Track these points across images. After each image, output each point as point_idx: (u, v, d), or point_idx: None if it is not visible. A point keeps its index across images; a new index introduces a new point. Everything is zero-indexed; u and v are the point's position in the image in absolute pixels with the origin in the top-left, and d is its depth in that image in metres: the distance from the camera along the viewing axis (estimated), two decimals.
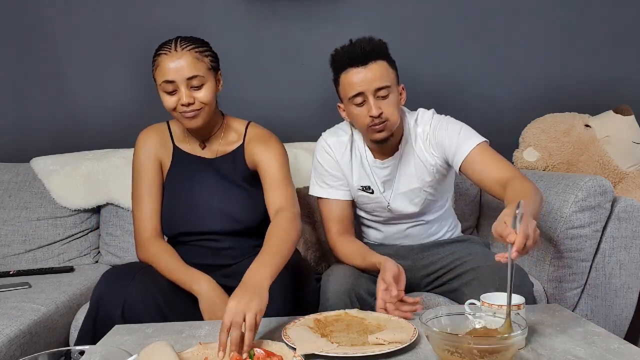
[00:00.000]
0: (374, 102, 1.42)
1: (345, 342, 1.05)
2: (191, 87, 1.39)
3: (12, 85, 2.27)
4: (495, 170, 1.41)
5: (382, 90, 1.42)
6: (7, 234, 1.99)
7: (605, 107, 2.10)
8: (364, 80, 1.42)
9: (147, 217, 1.48)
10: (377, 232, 1.69)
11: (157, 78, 1.41)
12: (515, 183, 1.33)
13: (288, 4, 2.25)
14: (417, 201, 1.59)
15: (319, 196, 1.62)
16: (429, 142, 1.54)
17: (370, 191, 1.59)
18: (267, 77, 2.28)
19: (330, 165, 1.59)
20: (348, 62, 1.43)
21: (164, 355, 0.96)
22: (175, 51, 1.39)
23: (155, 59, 1.41)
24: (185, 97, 1.38)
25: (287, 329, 1.12)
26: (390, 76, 1.45)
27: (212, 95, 1.43)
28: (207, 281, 1.37)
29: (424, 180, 1.56)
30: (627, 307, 1.68)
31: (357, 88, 1.42)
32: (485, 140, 1.48)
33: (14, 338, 1.34)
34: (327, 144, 1.60)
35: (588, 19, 2.33)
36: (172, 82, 1.38)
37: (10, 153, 2.25)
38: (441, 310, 1.04)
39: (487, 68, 2.33)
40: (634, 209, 1.64)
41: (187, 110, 1.40)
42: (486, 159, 1.44)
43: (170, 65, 1.37)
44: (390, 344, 1.03)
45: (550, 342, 1.06)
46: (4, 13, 2.23)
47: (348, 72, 1.44)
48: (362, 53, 1.42)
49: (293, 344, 1.04)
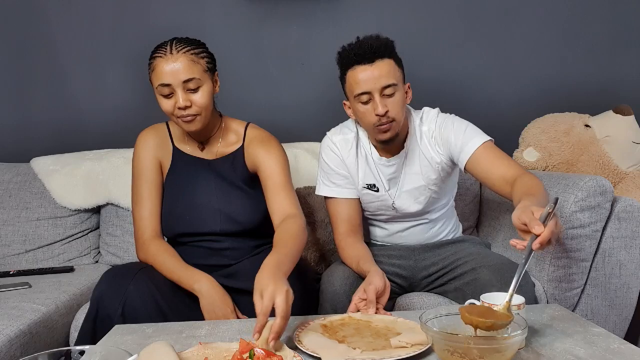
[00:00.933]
0: (380, 100, 1.42)
1: (366, 347, 1.03)
2: (187, 89, 1.38)
3: (12, 86, 2.27)
4: (502, 168, 1.41)
5: (388, 88, 1.42)
6: (7, 234, 1.99)
7: (605, 107, 2.10)
8: (371, 78, 1.41)
9: (147, 218, 1.48)
10: (381, 230, 1.69)
11: (154, 81, 1.40)
12: (524, 179, 1.33)
13: (288, 4, 2.25)
14: (422, 199, 1.59)
15: (327, 195, 1.61)
16: (435, 140, 1.54)
17: (376, 189, 1.59)
18: (267, 77, 2.28)
19: (337, 164, 1.59)
20: (355, 59, 1.43)
21: (164, 355, 0.96)
22: (170, 54, 1.37)
23: (151, 62, 1.40)
24: (182, 100, 1.37)
25: (299, 336, 1.09)
26: (397, 74, 1.45)
27: (209, 98, 1.42)
28: (207, 280, 1.37)
29: (429, 178, 1.56)
30: (627, 307, 1.68)
31: (363, 86, 1.42)
32: (490, 139, 1.49)
33: (14, 338, 1.34)
34: (333, 142, 1.60)
35: (588, 19, 2.33)
36: (168, 85, 1.37)
37: (10, 153, 2.25)
38: (441, 310, 1.04)
39: (487, 68, 2.33)
40: (634, 209, 1.64)
41: (184, 114, 1.39)
42: (492, 157, 1.44)
43: (166, 69, 1.36)
44: (414, 346, 1.02)
45: (550, 342, 1.05)
46: (4, 13, 2.23)
47: (355, 69, 1.43)
48: (369, 50, 1.41)
49: (313, 351, 1.01)
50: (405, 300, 1.52)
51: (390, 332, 1.12)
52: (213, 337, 1.14)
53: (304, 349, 1.03)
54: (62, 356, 0.87)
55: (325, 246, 1.92)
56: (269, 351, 1.01)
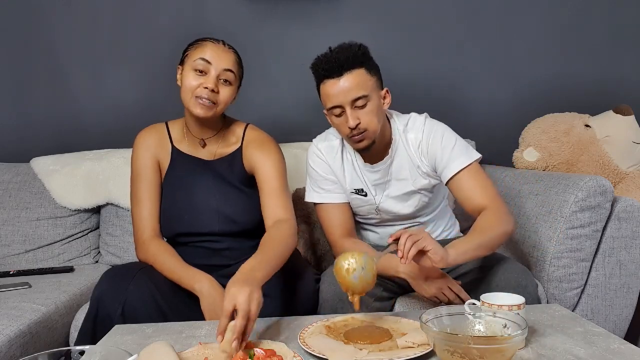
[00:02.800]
0: (351, 113, 1.41)
1: (372, 348, 1.04)
2: (221, 78, 1.43)
3: (12, 85, 2.27)
4: (476, 197, 1.45)
5: (359, 100, 1.41)
6: (7, 234, 1.99)
7: (605, 107, 2.10)
8: (340, 92, 1.40)
9: (147, 217, 1.48)
10: (373, 234, 1.70)
11: (193, 55, 1.43)
12: (485, 217, 1.39)
13: (288, 4, 2.25)
14: (411, 203, 1.59)
15: (316, 202, 1.61)
16: (421, 151, 1.53)
17: (364, 194, 1.59)
18: (267, 77, 2.28)
19: (324, 170, 1.59)
20: (324, 73, 1.42)
21: (164, 355, 0.96)
22: (223, 46, 1.46)
23: (198, 42, 1.46)
24: (212, 83, 1.41)
25: (304, 338, 1.09)
26: (368, 84, 1.42)
27: (231, 98, 1.47)
28: (208, 280, 1.37)
29: (419, 184, 1.56)
30: (627, 307, 1.68)
31: (333, 100, 1.42)
32: (477, 158, 1.49)
33: (14, 338, 1.34)
34: (319, 149, 1.60)
35: (588, 19, 2.33)
36: (208, 62, 1.41)
37: (10, 153, 2.25)
38: (441, 310, 1.04)
39: (487, 68, 2.33)
40: (634, 209, 1.64)
41: (204, 95, 1.41)
42: (471, 183, 1.46)
43: (214, 51, 1.43)
44: (420, 347, 1.02)
45: (550, 342, 1.06)
46: (4, 13, 2.23)
47: (325, 83, 1.43)
48: (336, 64, 1.40)
49: (319, 353, 1.01)
50: (406, 300, 1.52)
51: (395, 332, 1.12)
52: (213, 337, 1.14)
53: (310, 350, 1.03)
54: (62, 356, 0.87)
55: (325, 246, 1.92)
56: (270, 350, 1.01)
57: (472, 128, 2.18)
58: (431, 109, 1.66)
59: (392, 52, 2.25)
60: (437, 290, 1.38)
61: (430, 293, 1.39)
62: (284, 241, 1.33)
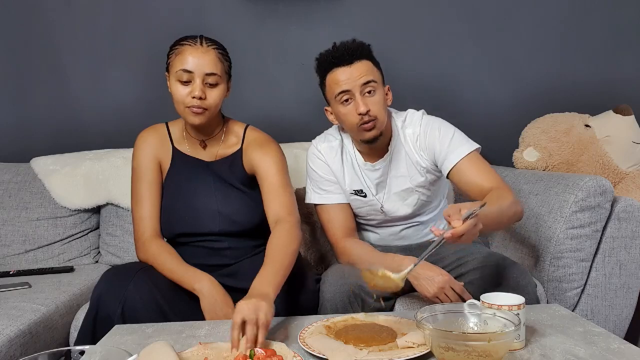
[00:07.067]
0: (361, 99, 1.43)
1: (372, 348, 1.04)
2: (206, 83, 1.41)
3: (12, 86, 2.27)
4: (481, 181, 1.43)
5: (368, 84, 1.43)
6: (7, 234, 1.99)
7: (605, 107, 2.10)
8: (350, 78, 1.43)
9: (147, 218, 1.48)
10: (373, 234, 1.70)
11: (175, 65, 1.41)
12: (495, 191, 1.36)
13: (288, 4, 2.25)
14: (410, 201, 1.59)
15: (317, 203, 1.61)
16: (419, 145, 1.54)
17: (363, 195, 1.59)
18: (267, 77, 2.28)
19: (324, 171, 1.60)
20: (334, 62, 1.45)
21: (164, 355, 0.96)
22: (200, 45, 1.42)
23: (177, 47, 1.43)
24: (198, 90, 1.39)
25: (304, 338, 1.09)
26: (376, 74, 1.47)
27: (221, 99, 1.45)
28: (208, 280, 1.37)
29: (416, 181, 1.56)
30: (627, 307, 1.68)
31: (343, 85, 1.43)
32: (476, 148, 1.49)
33: (14, 338, 1.34)
34: (318, 150, 1.61)
35: (588, 19, 2.33)
36: (190, 72, 1.40)
37: (10, 153, 2.25)
38: (436, 308, 1.05)
39: (487, 68, 2.33)
40: (634, 209, 1.64)
41: (195, 104, 1.40)
42: (474, 169, 1.45)
43: (193, 56, 1.40)
44: (420, 347, 1.02)
45: (550, 342, 1.06)
46: (4, 13, 2.23)
47: (334, 72, 1.45)
48: (347, 53, 1.44)
49: (320, 353, 1.01)
50: (406, 300, 1.52)
51: (396, 332, 1.12)
52: (213, 337, 1.14)
53: (311, 350, 1.03)
54: (62, 356, 0.87)
55: (325, 246, 1.92)
56: (270, 349, 1.01)
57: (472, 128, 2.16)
58: (431, 109, 1.65)
59: (392, 52, 2.24)
60: (439, 291, 1.38)
61: (431, 293, 1.39)
62: (289, 249, 1.33)
